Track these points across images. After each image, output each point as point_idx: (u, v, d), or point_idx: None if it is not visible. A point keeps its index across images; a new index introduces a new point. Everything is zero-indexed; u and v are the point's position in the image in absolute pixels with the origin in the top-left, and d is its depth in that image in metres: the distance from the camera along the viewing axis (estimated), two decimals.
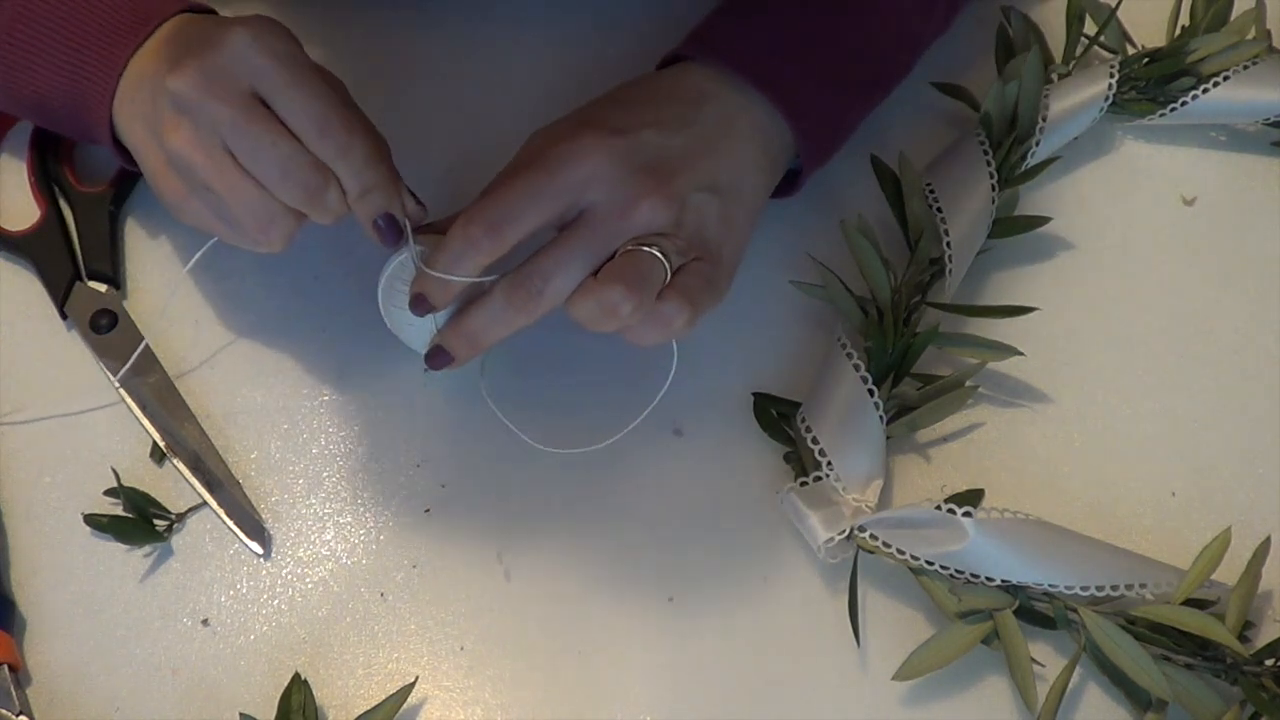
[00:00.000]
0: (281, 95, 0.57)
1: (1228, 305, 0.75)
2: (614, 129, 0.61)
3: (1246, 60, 0.78)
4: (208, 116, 0.56)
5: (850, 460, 0.65)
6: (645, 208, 0.59)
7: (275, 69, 0.56)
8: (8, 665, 0.61)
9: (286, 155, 0.56)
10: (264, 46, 0.57)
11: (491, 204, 0.59)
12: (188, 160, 0.58)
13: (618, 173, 0.59)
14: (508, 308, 0.60)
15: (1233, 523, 0.64)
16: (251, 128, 0.56)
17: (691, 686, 0.63)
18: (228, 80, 0.56)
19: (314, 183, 0.57)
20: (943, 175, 0.73)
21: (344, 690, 0.63)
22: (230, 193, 0.58)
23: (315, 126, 0.57)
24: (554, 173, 0.59)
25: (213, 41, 0.57)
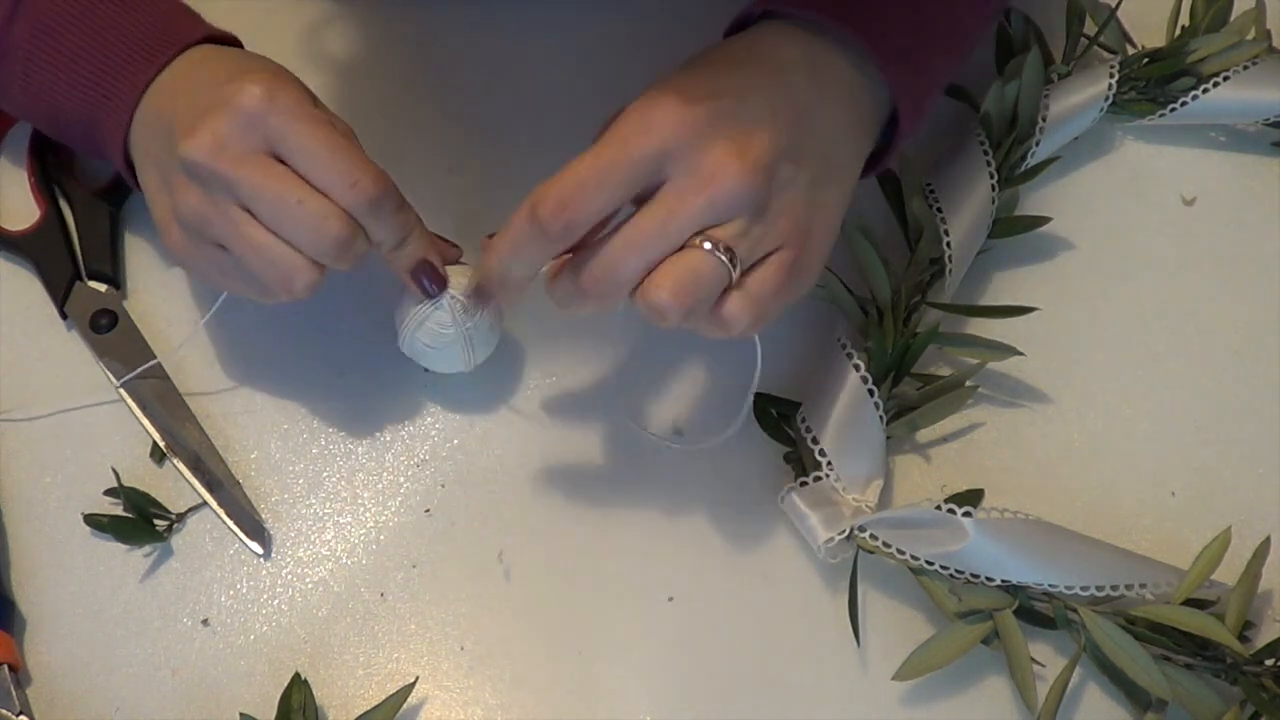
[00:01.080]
0: (302, 154, 0.56)
1: (1228, 305, 0.75)
2: (691, 96, 0.54)
3: (1246, 60, 0.78)
4: (223, 183, 0.56)
5: (850, 460, 0.65)
6: (727, 185, 0.53)
7: (291, 127, 0.55)
8: (8, 665, 0.61)
9: (316, 213, 0.55)
10: (276, 105, 0.55)
11: (561, 184, 0.54)
12: (202, 222, 0.57)
13: (698, 142, 0.53)
14: (576, 295, 0.56)
15: (1233, 523, 0.64)
16: (274, 189, 0.55)
17: (691, 686, 0.63)
18: (242, 144, 0.55)
19: (345, 236, 0.56)
20: (943, 175, 0.73)
21: (344, 690, 0.63)
22: (251, 252, 0.57)
23: (343, 181, 0.56)
24: (627, 147, 0.53)
25: (223, 103, 0.56)
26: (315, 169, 0.56)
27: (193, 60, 0.62)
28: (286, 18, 0.79)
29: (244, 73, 0.57)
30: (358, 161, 0.56)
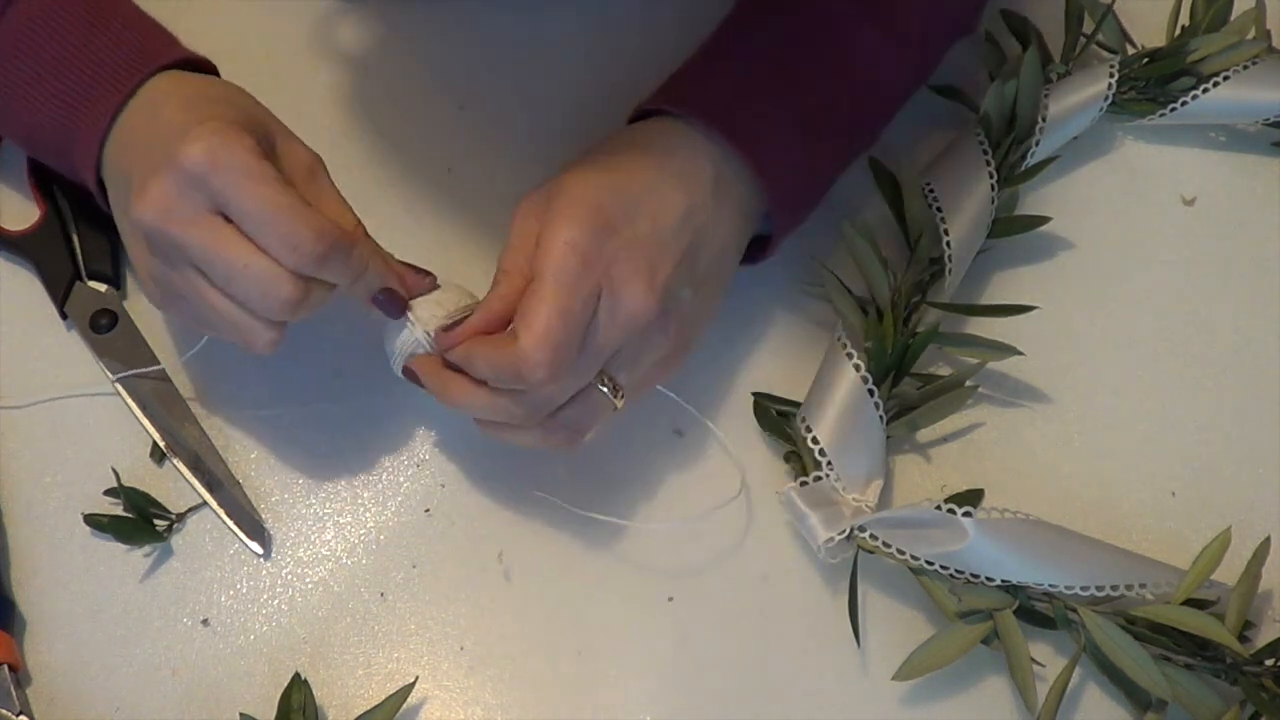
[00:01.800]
0: (244, 216, 0.54)
1: (1228, 305, 0.75)
2: (611, 222, 0.59)
3: (1246, 60, 0.78)
4: (173, 246, 0.55)
5: (850, 460, 0.65)
6: (640, 319, 0.58)
7: (231, 188, 0.54)
8: (8, 665, 0.61)
9: (261, 276, 0.55)
10: (218, 164, 0.54)
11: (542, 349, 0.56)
12: (168, 283, 0.58)
13: (619, 275, 0.58)
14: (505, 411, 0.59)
15: (1233, 523, 0.63)
16: (220, 253, 0.54)
17: (691, 686, 0.63)
18: (188, 206, 0.55)
19: (294, 296, 0.55)
20: (942, 175, 0.73)
21: (344, 690, 0.63)
22: (210, 311, 0.57)
23: (286, 245, 0.54)
24: (580, 291, 0.57)
25: (168, 163, 0.54)
26: (257, 230, 0.54)
27: (159, 90, 0.61)
28: (283, 21, 0.79)
29: (191, 123, 0.56)
30: (299, 218, 0.55)
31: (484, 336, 0.59)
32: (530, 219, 0.60)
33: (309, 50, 0.79)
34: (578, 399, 0.60)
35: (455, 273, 0.72)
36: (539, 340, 0.56)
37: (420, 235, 0.73)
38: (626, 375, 0.60)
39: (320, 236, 0.55)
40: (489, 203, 0.75)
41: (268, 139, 0.58)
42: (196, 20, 0.79)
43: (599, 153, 0.64)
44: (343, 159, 0.75)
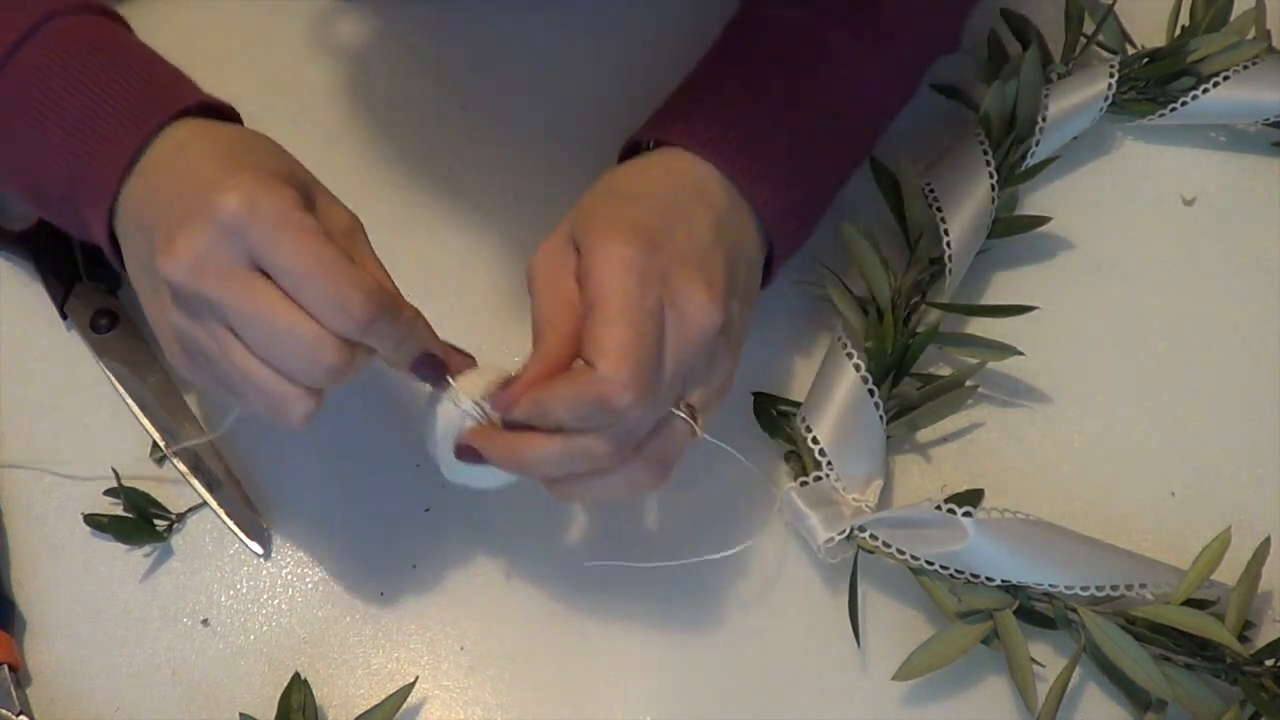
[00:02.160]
0: (287, 272, 0.50)
1: (1228, 305, 0.75)
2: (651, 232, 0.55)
3: (1246, 60, 0.78)
4: (206, 304, 0.51)
5: (850, 460, 0.65)
6: (708, 325, 0.55)
7: (273, 242, 0.50)
8: (8, 665, 0.61)
9: (305, 340, 0.50)
10: (258, 216, 0.50)
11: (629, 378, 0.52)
12: (193, 343, 0.53)
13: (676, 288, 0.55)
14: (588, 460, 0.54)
15: (1233, 523, 0.63)
16: (260, 314, 0.50)
17: (691, 687, 0.63)
18: (223, 260, 0.50)
19: (339, 363, 0.51)
20: (942, 175, 0.73)
21: (344, 690, 0.63)
22: (241, 379, 0.52)
23: (333, 305, 0.50)
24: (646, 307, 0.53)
25: (202, 213, 0.50)
26: (301, 289, 0.50)
27: (177, 140, 0.56)
28: (283, 22, 0.79)
29: (227, 172, 0.52)
30: (347, 279, 0.51)
31: (553, 379, 0.54)
32: (555, 265, 0.57)
33: (309, 50, 0.79)
34: (658, 429, 0.55)
35: (456, 275, 0.73)
36: (619, 361, 0.52)
37: (420, 235, 0.73)
38: (699, 397, 0.57)
39: (369, 298, 0.51)
40: (489, 203, 0.75)
41: (307, 195, 0.54)
42: (196, 21, 0.79)
43: (608, 182, 0.61)
44: (343, 159, 0.76)
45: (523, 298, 0.61)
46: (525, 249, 0.63)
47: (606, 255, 0.54)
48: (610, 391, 0.52)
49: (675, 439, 0.56)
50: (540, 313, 0.56)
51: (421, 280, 0.72)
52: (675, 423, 0.56)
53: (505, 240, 0.73)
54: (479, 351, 0.71)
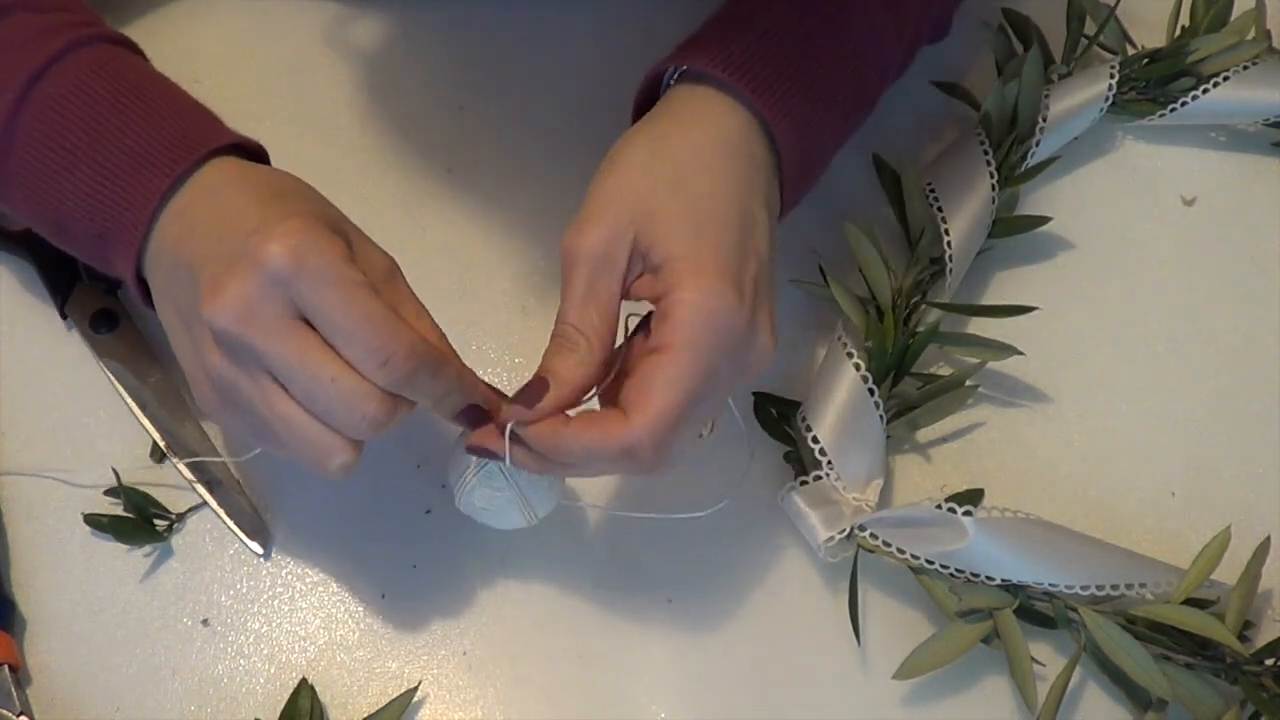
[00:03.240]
0: (331, 325, 0.50)
1: (1228, 305, 0.75)
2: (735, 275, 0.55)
3: (1246, 60, 0.78)
4: (251, 353, 0.51)
5: (850, 460, 0.65)
6: (766, 366, 0.56)
7: (319, 295, 0.50)
8: (8, 665, 0.61)
9: (348, 392, 0.50)
10: (305, 269, 0.50)
11: (657, 426, 0.53)
12: (231, 387, 0.53)
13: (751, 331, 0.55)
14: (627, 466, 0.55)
15: (1233, 523, 0.63)
16: (305, 365, 0.50)
17: (692, 686, 0.63)
18: (270, 310, 0.50)
19: (382, 415, 0.51)
20: (943, 175, 0.73)
21: (344, 690, 0.63)
22: (283, 426, 0.52)
23: (376, 359, 0.50)
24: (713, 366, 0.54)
25: (249, 262, 0.50)
26: (346, 342, 0.50)
27: (212, 180, 0.56)
28: (284, 22, 0.79)
29: (271, 219, 0.51)
30: (391, 332, 0.51)
31: (579, 418, 0.55)
32: (600, 260, 0.56)
33: (309, 52, 0.79)
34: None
35: (456, 275, 0.73)
36: (657, 421, 0.53)
37: (420, 235, 0.73)
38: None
39: (412, 353, 0.51)
40: (489, 203, 0.75)
41: (345, 240, 0.54)
42: (200, 22, 0.80)
43: (658, 166, 0.58)
44: (343, 160, 0.76)
45: (523, 297, 0.62)
46: (525, 249, 0.63)
47: (697, 308, 0.54)
48: (637, 447, 0.53)
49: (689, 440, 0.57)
50: (569, 313, 0.56)
51: (422, 280, 0.73)
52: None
53: (505, 240, 0.73)
54: (478, 350, 0.71)
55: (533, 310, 0.71)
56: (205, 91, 0.77)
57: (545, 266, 0.73)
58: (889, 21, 0.67)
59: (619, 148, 0.59)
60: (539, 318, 0.71)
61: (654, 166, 0.58)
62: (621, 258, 0.56)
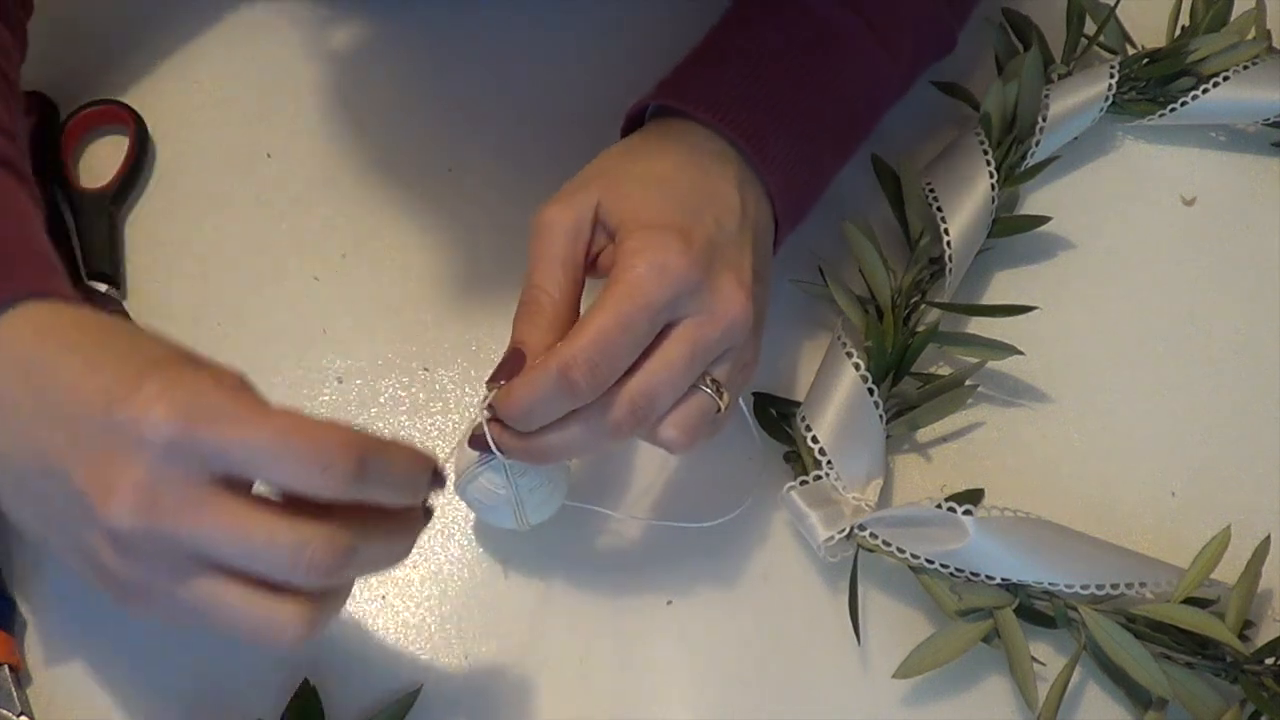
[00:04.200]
0: (251, 461, 0.45)
1: (1228, 305, 0.75)
2: (685, 230, 0.56)
3: (1246, 60, 0.78)
4: (164, 541, 0.44)
5: (850, 459, 0.65)
6: (736, 316, 0.56)
7: (223, 437, 0.44)
8: (8, 665, 0.61)
9: (294, 545, 0.44)
10: (194, 419, 0.44)
11: (590, 345, 0.53)
12: (141, 586, 0.46)
13: (706, 279, 0.56)
14: (607, 429, 0.55)
15: (1233, 523, 0.63)
16: (233, 530, 0.44)
17: (692, 687, 0.63)
18: (174, 486, 0.44)
19: (337, 554, 0.45)
20: (943, 175, 0.73)
21: (345, 692, 0.63)
22: (218, 608, 0.46)
23: (315, 469, 0.45)
24: (649, 297, 0.54)
25: (129, 442, 0.44)
26: (273, 469, 0.45)
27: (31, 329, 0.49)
28: (284, 21, 0.79)
29: (122, 384, 0.45)
30: (318, 434, 0.45)
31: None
32: (566, 230, 0.57)
33: (309, 51, 0.79)
34: (683, 401, 0.56)
35: (456, 274, 0.73)
36: (583, 340, 0.53)
37: (420, 236, 0.73)
38: (725, 373, 0.58)
39: (349, 443, 0.45)
40: (489, 203, 0.75)
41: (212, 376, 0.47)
42: (198, 22, 0.80)
43: (627, 159, 0.61)
44: (342, 160, 0.76)
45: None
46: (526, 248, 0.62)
47: (638, 251, 0.55)
48: (569, 363, 0.52)
49: (698, 410, 0.57)
50: (536, 275, 0.57)
51: (422, 280, 0.73)
52: (699, 396, 0.57)
53: (505, 240, 0.73)
54: (477, 350, 0.71)
55: None
56: (204, 92, 0.78)
57: None
58: (881, 54, 0.68)
59: (602, 152, 0.62)
60: None
61: (623, 156, 0.62)
62: (586, 228, 0.58)
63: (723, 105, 0.63)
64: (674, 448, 0.57)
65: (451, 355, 0.71)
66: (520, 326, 0.57)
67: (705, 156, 0.61)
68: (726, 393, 0.58)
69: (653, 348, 0.55)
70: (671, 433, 0.57)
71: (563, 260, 0.57)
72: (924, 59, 0.73)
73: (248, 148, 0.76)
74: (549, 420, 0.55)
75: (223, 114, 0.77)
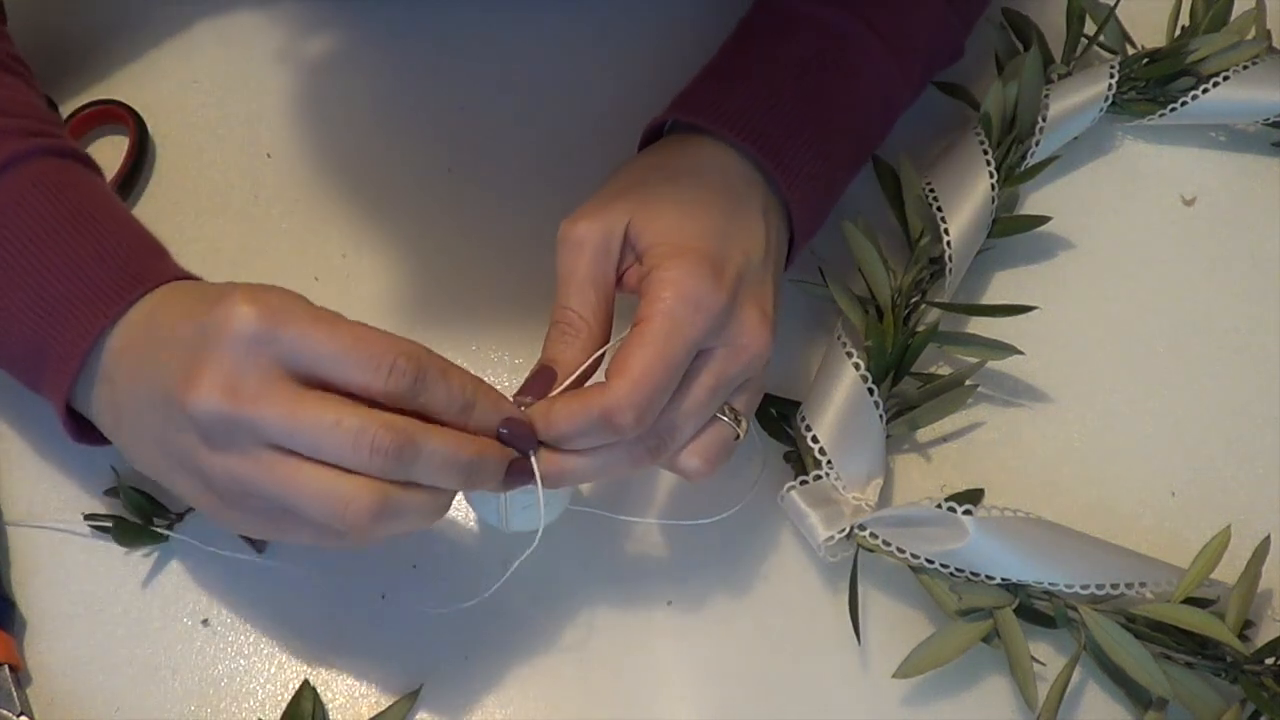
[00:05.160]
0: (325, 358, 0.49)
1: (1228, 305, 0.75)
2: (716, 262, 0.56)
3: (1246, 60, 0.78)
4: (244, 426, 0.49)
5: (850, 459, 0.65)
6: (759, 350, 0.57)
7: (302, 333, 0.49)
8: (8, 665, 0.61)
9: (356, 428, 0.48)
10: (278, 315, 0.49)
11: (636, 392, 0.53)
12: (243, 484, 0.50)
13: (734, 310, 0.56)
14: (627, 460, 0.56)
15: (1233, 522, 0.63)
16: (305, 415, 0.48)
17: (692, 687, 0.63)
18: (253, 375, 0.49)
19: (394, 439, 0.49)
20: (943, 175, 0.73)
21: (344, 691, 0.63)
22: (294, 490, 0.50)
23: (379, 371, 0.49)
24: (686, 334, 0.54)
25: (218, 334, 0.49)
26: (343, 367, 0.49)
27: (150, 308, 0.55)
28: (285, 21, 0.79)
29: (219, 294, 0.51)
30: (386, 341, 0.50)
31: (564, 394, 0.56)
32: (596, 250, 0.57)
33: (310, 52, 0.79)
34: (704, 430, 0.57)
35: (456, 274, 0.73)
36: (634, 383, 0.53)
37: (420, 236, 0.73)
38: (744, 402, 0.59)
39: (413, 353, 0.50)
40: (489, 203, 0.75)
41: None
42: (197, 22, 0.80)
43: (658, 176, 0.61)
44: (342, 160, 0.76)
45: (525, 297, 0.62)
46: (526, 249, 0.63)
47: (672, 282, 0.55)
48: (615, 408, 0.53)
49: (719, 440, 0.58)
50: (567, 298, 0.58)
51: (422, 281, 0.73)
52: (719, 425, 0.58)
53: (506, 240, 0.73)
54: (478, 350, 0.71)
55: (534, 310, 0.71)
56: (204, 91, 0.78)
57: (547, 266, 0.72)
58: (892, 67, 0.68)
59: (623, 163, 0.62)
60: (540, 318, 0.71)
61: (652, 173, 0.61)
62: (616, 246, 0.58)
63: (748, 126, 0.63)
64: (695, 476, 0.58)
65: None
66: (552, 346, 0.57)
67: (736, 181, 0.61)
68: (744, 420, 0.58)
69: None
70: (694, 462, 0.57)
71: (594, 280, 0.57)
72: (933, 69, 0.74)
73: (248, 148, 0.76)
74: (584, 448, 0.55)
75: (223, 114, 0.77)
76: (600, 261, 0.57)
